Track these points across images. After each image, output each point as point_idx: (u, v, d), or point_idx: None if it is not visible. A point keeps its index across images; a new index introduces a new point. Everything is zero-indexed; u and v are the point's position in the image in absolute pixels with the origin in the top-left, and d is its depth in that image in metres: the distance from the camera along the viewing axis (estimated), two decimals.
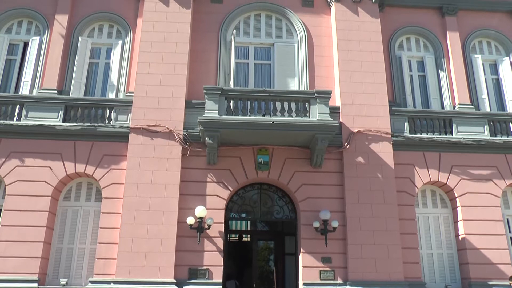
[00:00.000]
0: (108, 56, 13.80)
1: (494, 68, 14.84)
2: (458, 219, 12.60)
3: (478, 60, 14.48)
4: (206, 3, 14.27)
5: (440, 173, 12.83)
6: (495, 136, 13.31)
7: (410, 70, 14.44)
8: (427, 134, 13.16)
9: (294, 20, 14.24)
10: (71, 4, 13.91)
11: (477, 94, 14.07)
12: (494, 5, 15.13)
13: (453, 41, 14.53)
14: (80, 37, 13.53)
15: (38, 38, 13.60)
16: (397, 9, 14.91)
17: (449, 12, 14.85)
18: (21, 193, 11.72)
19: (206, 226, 11.55)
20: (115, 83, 13.28)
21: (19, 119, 12.41)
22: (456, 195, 12.68)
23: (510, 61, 14.72)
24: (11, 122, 12.18)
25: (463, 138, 13.00)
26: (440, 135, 13.18)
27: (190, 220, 11.45)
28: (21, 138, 12.18)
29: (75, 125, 12.26)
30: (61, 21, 13.62)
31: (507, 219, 13.02)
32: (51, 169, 11.99)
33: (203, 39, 13.79)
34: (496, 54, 14.97)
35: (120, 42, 13.83)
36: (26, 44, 13.77)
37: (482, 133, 13.23)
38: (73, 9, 13.98)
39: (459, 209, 12.60)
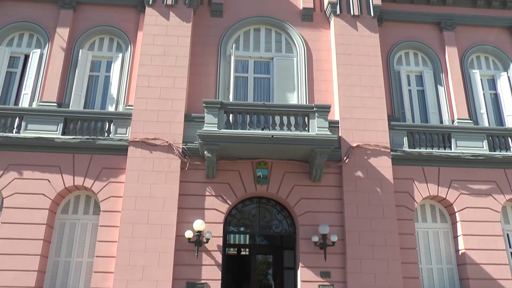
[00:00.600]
0: (108, 69, 13.87)
1: (492, 83, 14.92)
2: (458, 234, 12.54)
3: (477, 75, 14.56)
4: (206, 16, 14.39)
5: (439, 187, 12.81)
6: (494, 151, 13.32)
7: (409, 84, 14.50)
8: (426, 149, 13.17)
9: (294, 34, 14.34)
10: (72, 17, 14.01)
11: (475, 109, 14.12)
12: (492, 21, 15.26)
13: (451, 56, 14.63)
14: (80, 50, 13.61)
15: (39, 51, 13.67)
16: (395, 24, 15.04)
17: (447, 27, 14.97)
18: (19, 206, 11.67)
19: (205, 240, 11.48)
20: (114, 96, 13.32)
21: (18, 132, 12.42)
22: (456, 210, 12.64)
23: (508, 76, 14.80)
24: (10, 134, 12.18)
25: (462, 153, 13.00)
26: (439, 149, 13.19)
27: (188, 234, 11.38)
28: (20, 151, 12.17)
29: (74, 138, 12.26)
30: (62, 34, 13.70)
31: (507, 234, 12.96)
32: (49, 181, 11.96)
33: (203, 53, 13.87)
34: (494, 69, 15.06)
35: (120, 55, 13.90)
36: (27, 57, 13.85)
37: (481, 148, 13.24)
38: (74, 23, 14.08)
39: (458, 224, 12.55)
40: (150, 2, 13.81)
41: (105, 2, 14.31)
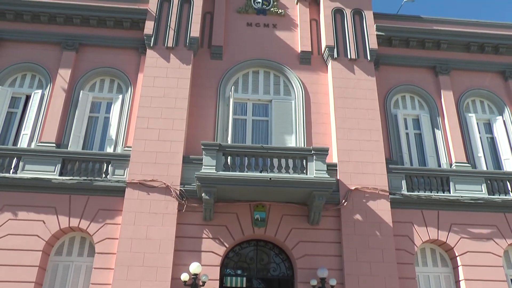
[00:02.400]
0: (108, 110, 13.99)
1: (488, 127, 15.05)
2: (460, 279, 12.31)
3: (473, 119, 14.71)
4: (206, 59, 14.66)
5: (439, 231, 12.68)
6: (493, 195, 13.27)
7: (406, 128, 14.62)
8: (425, 192, 13.12)
9: (292, 77, 14.57)
10: (74, 58, 14.27)
11: (473, 152, 14.18)
12: (485, 66, 15.59)
13: (447, 100, 14.82)
14: (81, 91, 13.78)
15: (40, 91, 13.84)
16: (392, 68, 15.33)
17: (442, 71, 15.25)
18: (12, 247, 11.48)
19: (201, 283, 11.25)
20: (113, 137, 13.37)
21: (15, 172, 12.38)
22: (457, 254, 12.46)
23: (504, 120, 14.96)
24: (7, 175, 12.14)
25: (461, 197, 12.95)
26: (438, 193, 13.14)
27: (184, 277, 11.15)
28: (16, 191, 12.10)
29: (72, 179, 12.21)
30: (63, 75, 13.91)
31: (511, 279, 12.72)
32: (44, 223, 11.82)
33: (202, 95, 14.04)
34: (489, 113, 15.24)
35: (120, 96, 14.06)
36: (28, 97, 14.01)
37: (480, 191, 13.20)
38: (76, 64, 14.33)
39: (460, 268, 12.34)
40: (151, 44, 14.11)
41: (107, 44, 14.61)
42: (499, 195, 13.26)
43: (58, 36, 14.54)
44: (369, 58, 14.65)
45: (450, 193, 13.17)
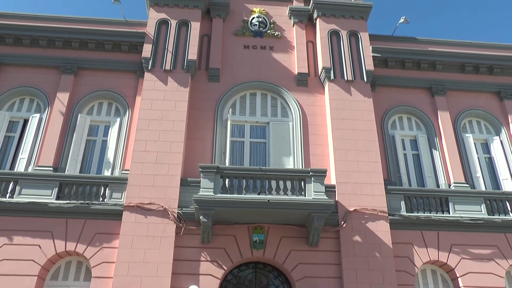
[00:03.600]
0: (105, 133, 14.00)
1: (485, 147, 15.09)
2: None
3: (470, 139, 14.75)
4: (203, 81, 14.75)
5: (439, 252, 12.57)
6: (493, 215, 13.21)
7: (404, 148, 14.64)
8: (424, 213, 13.06)
9: (289, 99, 14.64)
10: (73, 82, 14.35)
11: (471, 172, 14.17)
12: (481, 86, 15.73)
13: (444, 120, 14.89)
14: (79, 114, 13.81)
15: (38, 115, 13.86)
16: (388, 89, 15.44)
17: (438, 92, 15.36)
18: (6, 273, 11.31)
19: None
20: (111, 160, 13.34)
21: (11, 196, 12.30)
22: (458, 275, 12.33)
23: (501, 140, 15.00)
24: (3, 199, 12.05)
25: (461, 217, 12.89)
26: (437, 213, 13.08)
27: None
28: (12, 216, 11.99)
29: (68, 203, 12.13)
30: (62, 99, 13.96)
31: None
32: (40, 247, 11.68)
33: (200, 117, 14.07)
34: (486, 133, 15.30)
35: (118, 119, 14.09)
36: (26, 121, 14.02)
37: (480, 211, 13.15)
38: (74, 87, 14.40)
39: None
40: (149, 67, 14.21)
41: (105, 68, 14.72)
42: (499, 215, 13.20)
43: (56, 60, 14.65)
44: (365, 79, 14.76)
45: (449, 213, 13.11)
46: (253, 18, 16.00)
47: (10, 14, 15.36)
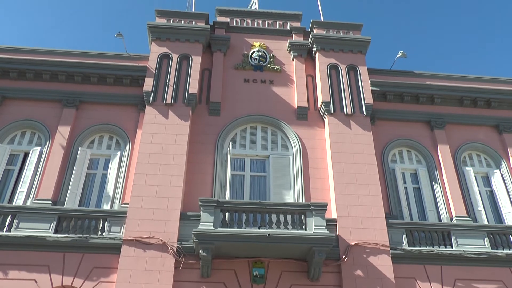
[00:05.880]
0: (106, 167, 13.99)
1: (486, 180, 15.05)
2: None
3: (470, 172, 14.73)
4: (204, 115, 14.85)
5: (443, 287, 12.34)
6: (497, 249, 13.03)
7: (405, 182, 14.60)
8: (426, 247, 12.88)
9: (289, 133, 14.70)
10: (74, 115, 14.46)
11: (473, 206, 14.08)
12: (479, 120, 15.84)
13: (444, 153, 14.91)
14: (80, 148, 13.84)
15: (39, 148, 13.89)
16: (387, 122, 15.54)
17: (438, 126, 15.45)
18: None
19: None
20: (110, 194, 13.28)
21: (9, 230, 12.15)
22: None
23: (501, 174, 14.98)
24: (0, 233, 11.92)
25: (464, 251, 12.71)
26: (439, 247, 12.90)
27: None
28: (9, 250, 11.82)
29: (67, 237, 11.99)
30: (63, 132, 14.03)
31: None
32: (36, 282, 11.48)
33: (200, 151, 14.09)
34: (486, 167, 15.29)
35: (118, 153, 14.10)
36: (26, 154, 14.03)
37: (483, 245, 12.97)
38: (75, 121, 14.49)
39: None
40: (150, 101, 14.34)
41: (107, 101, 14.87)
42: (503, 250, 13.02)
43: (59, 94, 14.81)
44: (365, 113, 14.87)
45: (452, 247, 12.93)
46: (253, 52, 16.28)
47: (14, 49, 15.65)
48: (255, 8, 18.89)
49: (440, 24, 42.20)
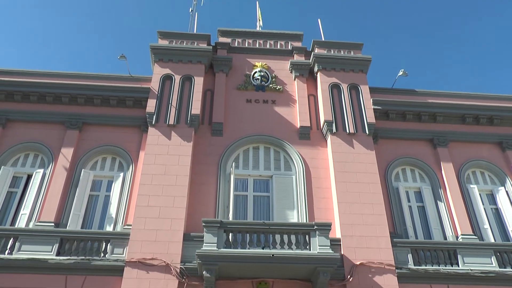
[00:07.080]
0: (108, 188, 13.95)
1: (491, 198, 14.93)
2: None
3: (475, 190, 14.63)
4: (206, 136, 14.86)
5: None
6: (504, 268, 12.83)
7: (409, 200, 14.49)
8: (432, 266, 12.71)
9: (292, 153, 14.68)
10: (77, 137, 14.49)
11: (478, 224, 13.92)
12: (482, 137, 15.80)
13: (447, 171, 14.84)
14: (82, 169, 13.83)
15: (42, 170, 13.89)
16: (390, 141, 15.51)
17: (440, 143, 15.41)
18: None
19: None
20: (113, 215, 13.21)
21: (10, 253, 12.06)
22: None
23: (506, 191, 14.85)
24: (1, 256, 11.83)
25: (471, 270, 12.52)
26: (446, 266, 12.72)
27: None
28: (10, 273, 11.71)
29: (69, 259, 11.89)
30: (66, 154, 14.04)
31: None
32: None
33: (203, 171, 14.04)
34: (491, 184, 15.18)
35: (121, 174, 14.09)
36: (29, 177, 14.01)
37: (490, 264, 12.78)
38: (78, 142, 14.52)
39: None
40: (153, 122, 14.39)
41: (110, 123, 14.93)
42: (511, 268, 12.81)
43: (62, 116, 14.88)
44: (367, 132, 14.87)
45: (458, 266, 12.74)
46: (255, 72, 16.38)
47: (18, 71, 15.80)
48: (260, 26, 19.10)
49: (441, 42, 42.54)
